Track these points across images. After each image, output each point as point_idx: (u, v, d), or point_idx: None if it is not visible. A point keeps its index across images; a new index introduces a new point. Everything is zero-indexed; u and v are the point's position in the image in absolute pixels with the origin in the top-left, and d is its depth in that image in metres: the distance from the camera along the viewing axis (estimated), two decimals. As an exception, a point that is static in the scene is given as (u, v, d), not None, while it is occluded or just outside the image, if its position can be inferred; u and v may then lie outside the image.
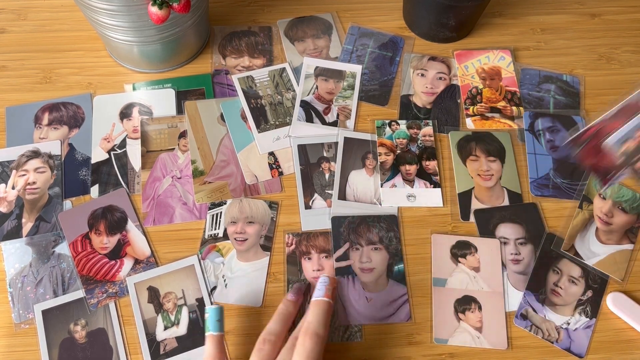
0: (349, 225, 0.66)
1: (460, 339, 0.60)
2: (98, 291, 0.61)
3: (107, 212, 0.66)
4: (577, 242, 0.65)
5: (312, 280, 0.63)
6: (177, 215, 0.66)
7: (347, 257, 0.64)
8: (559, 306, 0.62)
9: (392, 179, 0.70)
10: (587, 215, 0.67)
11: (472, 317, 0.61)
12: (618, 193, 0.68)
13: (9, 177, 0.68)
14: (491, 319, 0.61)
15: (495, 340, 0.60)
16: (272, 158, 0.71)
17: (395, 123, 0.73)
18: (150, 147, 0.71)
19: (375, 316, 0.61)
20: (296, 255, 0.64)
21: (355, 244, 0.65)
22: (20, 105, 0.73)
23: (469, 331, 0.60)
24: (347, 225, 0.66)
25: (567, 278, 0.63)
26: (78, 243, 0.64)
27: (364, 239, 0.65)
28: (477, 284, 0.63)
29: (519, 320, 0.61)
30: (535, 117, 0.75)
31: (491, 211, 0.67)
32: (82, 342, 0.59)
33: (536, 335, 0.61)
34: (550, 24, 0.85)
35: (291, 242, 0.65)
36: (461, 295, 0.62)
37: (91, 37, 0.79)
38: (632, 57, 0.81)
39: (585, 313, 0.62)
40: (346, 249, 0.65)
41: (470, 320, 0.61)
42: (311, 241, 0.65)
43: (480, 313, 0.61)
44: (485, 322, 0.61)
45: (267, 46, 0.80)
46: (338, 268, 0.63)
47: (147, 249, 0.64)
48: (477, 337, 0.60)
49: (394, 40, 0.82)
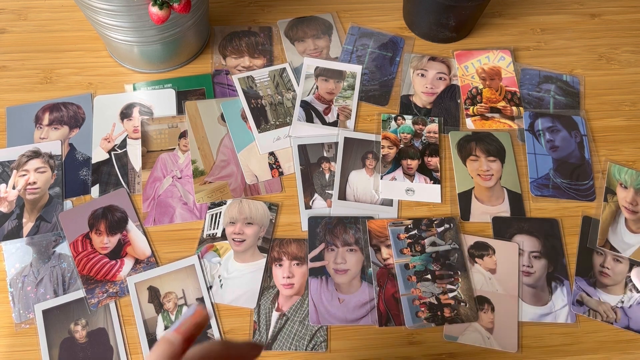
0: (325, 225, 0.66)
1: (470, 338, 0.60)
2: (98, 291, 0.62)
3: (107, 212, 0.66)
4: (610, 235, 0.66)
5: (280, 287, 0.63)
6: (178, 215, 0.67)
7: (321, 257, 0.64)
8: (610, 286, 0.63)
9: (392, 172, 0.70)
10: (613, 207, 0.68)
11: (485, 318, 0.61)
12: (637, 180, 0.69)
13: (10, 177, 0.68)
14: (503, 321, 0.61)
15: (505, 343, 0.60)
16: (272, 158, 0.71)
17: (401, 117, 0.74)
18: (150, 147, 0.71)
19: (346, 318, 0.61)
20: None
21: (331, 244, 0.65)
22: (20, 105, 0.73)
23: (479, 331, 0.61)
24: (323, 226, 0.66)
25: (612, 257, 0.64)
26: (79, 243, 0.64)
27: (340, 240, 0.65)
28: (492, 285, 0.63)
29: (576, 307, 0.62)
30: (535, 117, 0.75)
31: (510, 220, 0.67)
32: (83, 341, 0.59)
33: (595, 319, 0.61)
34: (550, 24, 0.85)
35: None
36: (475, 295, 0.62)
37: (92, 37, 0.79)
38: (632, 57, 0.81)
39: (635, 289, 0.63)
40: (321, 249, 0.65)
41: (482, 320, 0.61)
42: (284, 247, 0.65)
43: (493, 314, 0.61)
44: (497, 323, 0.61)
45: (267, 46, 0.80)
46: (312, 268, 0.63)
47: (147, 249, 0.64)
48: (487, 338, 0.60)
49: (394, 40, 0.82)
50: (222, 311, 0.62)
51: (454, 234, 0.66)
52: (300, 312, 0.61)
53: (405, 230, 0.65)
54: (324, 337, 0.61)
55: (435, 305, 0.61)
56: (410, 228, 0.66)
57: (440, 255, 0.64)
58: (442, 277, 0.63)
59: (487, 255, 0.65)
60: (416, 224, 0.66)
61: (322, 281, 0.63)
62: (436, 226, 0.66)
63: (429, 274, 0.63)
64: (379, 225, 0.66)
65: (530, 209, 0.68)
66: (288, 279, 0.63)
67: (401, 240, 0.65)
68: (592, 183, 0.70)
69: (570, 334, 0.62)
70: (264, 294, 0.62)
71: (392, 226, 0.66)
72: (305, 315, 0.61)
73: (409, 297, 0.62)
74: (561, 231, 0.67)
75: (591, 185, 0.70)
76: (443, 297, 0.62)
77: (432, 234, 0.65)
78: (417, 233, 0.65)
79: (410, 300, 0.62)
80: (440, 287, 0.62)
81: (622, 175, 0.71)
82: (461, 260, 0.64)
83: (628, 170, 0.71)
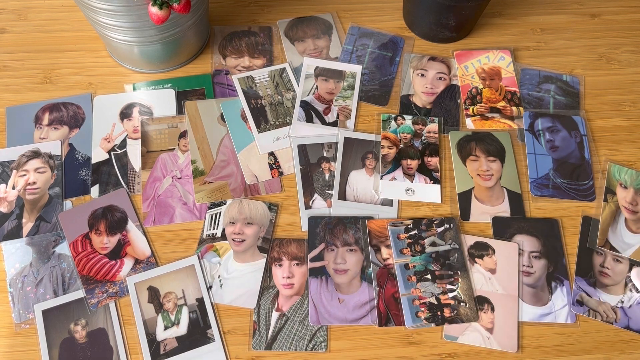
0: (325, 225, 0.66)
1: (470, 338, 0.60)
2: (98, 291, 0.62)
3: (107, 212, 0.66)
4: (610, 235, 0.66)
5: (279, 287, 0.63)
6: (178, 215, 0.67)
7: (321, 257, 0.64)
8: (610, 286, 0.63)
9: (392, 172, 0.70)
10: (613, 207, 0.68)
11: (484, 318, 0.61)
12: (637, 180, 0.69)
13: (10, 177, 0.68)
14: (503, 321, 0.61)
15: (505, 343, 0.60)
16: (272, 158, 0.71)
17: (401, 117, 0.74)
18: (150, 147, 0.71)
19: (346, 318, 0.61)
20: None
21: (331, 244, 0.65)
22: (20, 105, 0.73)
23: (479, 331, 0.61)
24: (323, 226, 0.66)
25: (612, 257, 0.64)
26: (78, 243, 0.64)
27: (339, 240, 0.65)
28: (492, 285, 0.63)
29: (576, 307, 0.62)
30: (535, 117, 0.75)
31: (510, 220, 0.67)
32: (82, 342, 0.59)
33: (595, 319, 0.61)
34: (550, 24, 0.85)
35: None
36: (475, 295, 0.62)
37: (91, 37, 0.79)
38: (632, 57, 0.81)
39: (635, 289, 0.63)
40: (321, 249, 0.65)
41: (482, 320, 0.61)
42: (284, 247, 0.65)
43: (493, 314, 0.61)
44: (497, 323, 0.61)
45: (267, 46, 0.80)
46: (312, 268, 0.63)
47: (147, 249, 0.64)
48: (487, 338, 0.60)
49: (394, 40, 0.82)
50: (222, 311, 0.62)
51: (453, 234, 0.66)
52: (300, 312, 0.61)
53: (405, 230, 0.65)
54: (324, 337, 0.61)
55: (435, 305, 0.61)
56: (410, 228, 0.66)
57: (440, 255, 0.64)
58: (442, 277, 0.63)
59: (487, 255, 0.65)
60: (416, 224, 0.66)
61: (322, 281, 0.63)
62: (436, 226, 0.66)
63: (429, 274, 0.63)
64: (379, 225, 0.66)
65: (530, 209, 0.68)
66: (288, 279, 0.63)
67: (401, 240, 0.65)
68: (592, 183, 0.70)
69: (570, 334, 0.62)
70: (263, 294, 0.62)
71: (392, 226, 0.66)
72: (305, 315, 0.61)
73: (408, 297, 0.62)
74: (561, 231, 0.67)
75: (591, 185, 0.70)
76: (443, 297, 0.62)
77: (432, 234, 0.65)
78: (417, 233, 0.65)
79: (410, 300, 0.62)
80: (440, 287, 0.62)
81: (622, 175, 0.71)
82: (461, 260, 0.64)
83: (628, 170, 0.71)
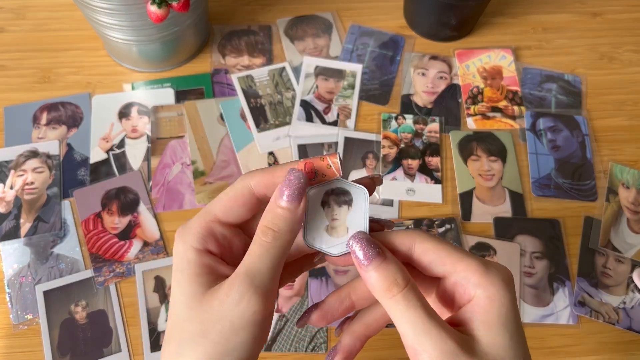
0: None
1: None
2: (106, 270, 0.62)
3: (120, 193, 0.67)
4: (612, 236, 0.66)
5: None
6: (187, 202, 0.67)
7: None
8: (612, 287, 0.63)
9: (393, 172, 0.69)
10: (615, 207, 0.67)
11: None
12: None
13: (7, 177, 0.67)
14: None
15: None
16: (272, 158, 0.70)
17: (402, 117, 0.73)
18: (160, 134, 0.71)
19: None
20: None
21: None
22: (18, 105, 0.73)
23: None
24: None
25: (614, 258, 0.64)
26: (90, 221, 0.65)
27: None
28: None
29: (578, 308, 0.61)
30: (536, 116, 0.74)
31: (511, 221, 0.67)
32: (83, 322, 0.60)
33: (597, 320, 0.61)
34: (552, 23, 0.84)
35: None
36: None
37: (90, 36, 0.78)
38: (634, 56, 0.81)
39: (637, 290, 0.62)
40: None
41: None
42: None
43: None
44: None
45: (266, 45, 0.80)
46: (312, 269, 0.63)
47: (156, 232, 0.65)
48: None
49: (395, 39, 0.81)
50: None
51: (455, 234, 0.65)
52: (300, 313, 0.61)
53: (406, 230, 0.65)
54: (324, 339, 0.60)
55: (436, 307, 0.61)
56: (411, 228, 0.65)
57: (441, 255, 0.64)
58: (443, 278, 0.62)
59: (489, 255, 0.64)
60: (417, 224, 0.66)
61: (322, 282, 0.62)
62: (437, 226, 0.66)
63: (430, 275, 0.62)
64: (380, 226, 0.65)
65: (532, 209, 0.68)
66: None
67: (402, 240, 0.64)
68: (594, 183, 0.70)
69: (571, 335, 0.61)
70: (263, 295, 0.62)
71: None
72: (305, 317, 0.61)
73: (409, 298, 0.61)
74: (563, 231, 0.67)
75: (593, 185, 0.70)
76: (444, 298, 0.61)
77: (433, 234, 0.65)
78: (417, 233, 0.65)
79: (411, 301, 0.61)
80: (441, 288, 0.62)
81: (624, 175, 0.70)
82: (462, 260, 0.64)
83: (630, 170, 0.71)
